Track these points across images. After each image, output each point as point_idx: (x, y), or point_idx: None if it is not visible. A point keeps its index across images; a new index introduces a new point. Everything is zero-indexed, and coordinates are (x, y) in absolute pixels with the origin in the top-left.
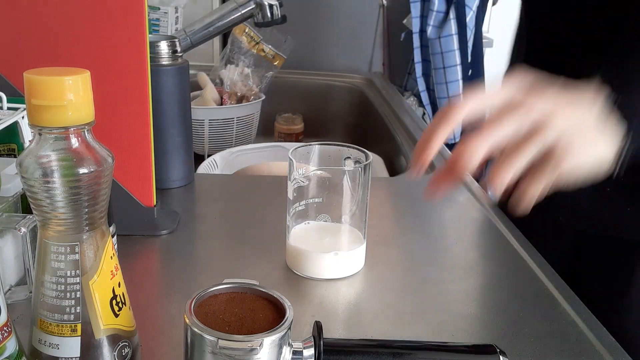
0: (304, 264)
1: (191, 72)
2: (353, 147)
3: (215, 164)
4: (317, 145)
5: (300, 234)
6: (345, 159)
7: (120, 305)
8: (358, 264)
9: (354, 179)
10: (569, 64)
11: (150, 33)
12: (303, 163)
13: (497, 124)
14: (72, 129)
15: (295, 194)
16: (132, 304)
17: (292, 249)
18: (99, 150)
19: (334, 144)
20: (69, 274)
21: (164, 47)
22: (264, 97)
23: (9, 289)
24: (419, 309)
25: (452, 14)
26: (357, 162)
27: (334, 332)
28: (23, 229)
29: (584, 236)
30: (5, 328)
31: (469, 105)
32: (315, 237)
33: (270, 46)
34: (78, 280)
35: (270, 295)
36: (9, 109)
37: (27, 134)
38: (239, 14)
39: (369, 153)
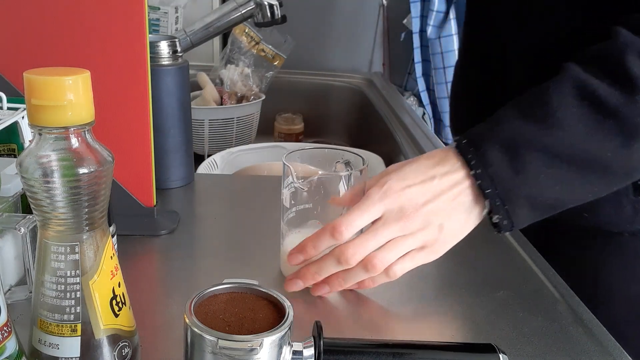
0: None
1: (191, 72)
2: (349, 151)
3: (215, 164)
4: (311, 150)
5: (295, 241)
6: (336, 163)
7: (120, 305)
8: None
9: (350, 183)
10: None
11: (150, 33)
12: (300, 164)
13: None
14: (72, 129)
15: (291, 200)
16: (132, 304)
17: (287, 256)
18: (99, 150)
19: (329, 147)
20: (69, 274)
21: (164, 47)
22: (264, 97)
23: (9, 289)
24: (419, 308)
25: (452, 14)
26: (347, 163)
27: (334, 332)
28: (23, 229)
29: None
30: (5, 328)
31: (357, 226)
32: None
33: (270, 46)
34: (78, 280)
35: (270, 295)
36: (9, 109)
37: (27, 134)
38: (239, 14)
39: (365, 157)
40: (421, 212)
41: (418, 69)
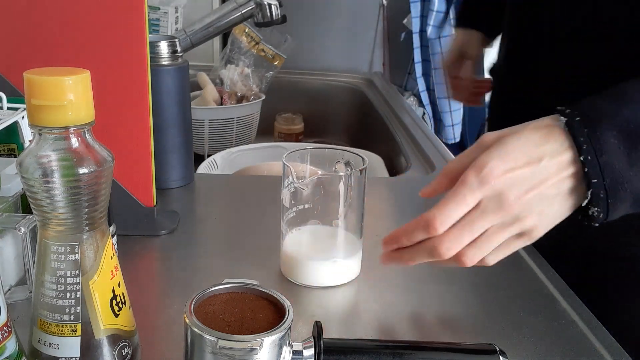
0: (300, 272)
1: (191, 72)
2: (349, 151)
3: (215, 164)
4: (311, 149)
5: (295, 241)
6: (336, 163)
7: (120, 305)
8: (354, 271)
9: (349, 183)
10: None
11: (150, 33)
12: (300, 164)
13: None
14: (72, 129)
15: (291, 200)
16: (132, 304)
17: (287, 256)
18: (99, 150)
19: (329, 147)
20: (69, 274)
21: (164, 47)
22: (264, 97)
23: (9, 289)
24: (419, 309)
25: (452, 14)
26: (347, 163)
27: (334, 332)
28: (23, 229)
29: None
30: (5, 328)
31: (453, 218)
32: (310, 244)
33: (270, 46)
34: (78, 280)
35: (270, 295)
36: (9, 109)
37: (27, 134)
38: (239, 14)
39: (365, 157)
40: (523, 201)
41: (418, 69)
